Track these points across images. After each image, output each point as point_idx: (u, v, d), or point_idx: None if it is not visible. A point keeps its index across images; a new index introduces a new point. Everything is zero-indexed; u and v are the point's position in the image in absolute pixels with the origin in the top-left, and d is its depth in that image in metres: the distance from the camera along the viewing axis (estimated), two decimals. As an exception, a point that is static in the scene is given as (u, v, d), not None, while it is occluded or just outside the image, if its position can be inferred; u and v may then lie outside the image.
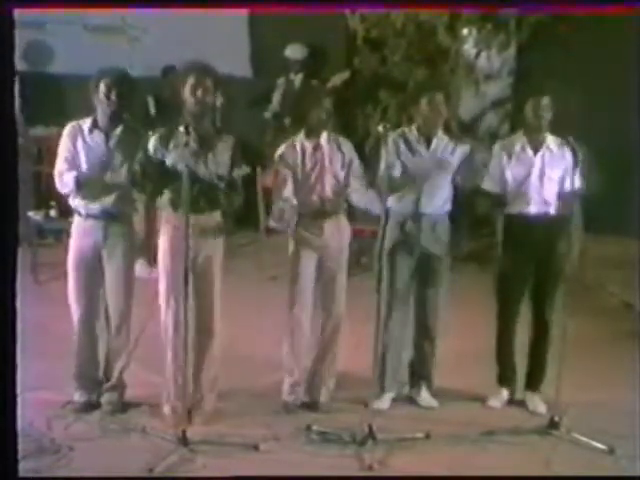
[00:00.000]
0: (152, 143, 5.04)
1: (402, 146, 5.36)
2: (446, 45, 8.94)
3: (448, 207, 5.45)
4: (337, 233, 5.33)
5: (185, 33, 8.89)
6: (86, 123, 5.18)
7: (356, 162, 5.35)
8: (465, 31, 9.06)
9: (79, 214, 5.19)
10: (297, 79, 9.56)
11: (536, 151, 5.40)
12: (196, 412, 5.09)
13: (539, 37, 8.90)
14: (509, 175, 5.43)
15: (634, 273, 7.53)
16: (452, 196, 5.45)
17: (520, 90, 9.54)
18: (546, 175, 5.38)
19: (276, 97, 9.58)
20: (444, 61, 9.02)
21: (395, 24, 8.94)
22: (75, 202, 5.19)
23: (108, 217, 5.14)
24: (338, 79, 9.39)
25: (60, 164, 5.18)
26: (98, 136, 5.16)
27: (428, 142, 5.40)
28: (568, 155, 5.25)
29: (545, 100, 5.32)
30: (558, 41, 8.63)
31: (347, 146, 5.37)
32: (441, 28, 8.80)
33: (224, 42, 9.24)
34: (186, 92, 5.03)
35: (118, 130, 5.16)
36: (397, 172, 5.30)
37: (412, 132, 5.41)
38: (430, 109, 5.32)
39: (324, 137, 5.30)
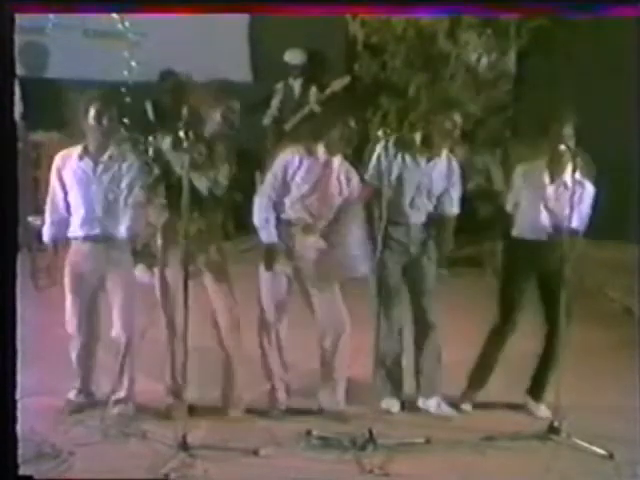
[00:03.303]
0: (152, 150, 5.10)
1: (400, 153, 5.36)
2: (446, 50, 8.94)
3: (439, 214, 5.48)
4: (318, 249, 5.30)
5: (185, 38, 8.90)
6: (77, 150, 5.04)
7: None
8: (465, 36, 9.07)
9: (75, 238, 5.06)
10: (296, 84, 9.55)
11: (553, 181, 5.38)
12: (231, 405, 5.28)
13: (539, 42, 8.90)
14: (522, 200, 5.44)
15: (634, 278, 7.52)
16: (440, 204, 5.48)
17: (520, 96, 9.57)
18: (560, 203, 5.33)
19: (275, 102, 9.56)
20: (444, 66, 9.03)
21: (395, 29, 8.94)
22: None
23: (108, 239, 5.03)
24: (338, 85, 9.37)
25: (48, 199, 5.09)
26: (86, 164, 5.01)
27: (429, 154, 5.40)
28: (586, 186, 5.29)
29: (567, 129, 5.26)
30: (558, 46, 8.64)
31: (354, 178, 5.32)
32: (441, 34, 8.80)
33: (224, 46, 9.26)
34: (216, 115, 5.15)
35: (105, 156, 5.01)
36: (393, 178, 5.28)
37: (415, 142, 5.41)
38: (445, 126, 5.32)
39: (337, 160, 5.28)
